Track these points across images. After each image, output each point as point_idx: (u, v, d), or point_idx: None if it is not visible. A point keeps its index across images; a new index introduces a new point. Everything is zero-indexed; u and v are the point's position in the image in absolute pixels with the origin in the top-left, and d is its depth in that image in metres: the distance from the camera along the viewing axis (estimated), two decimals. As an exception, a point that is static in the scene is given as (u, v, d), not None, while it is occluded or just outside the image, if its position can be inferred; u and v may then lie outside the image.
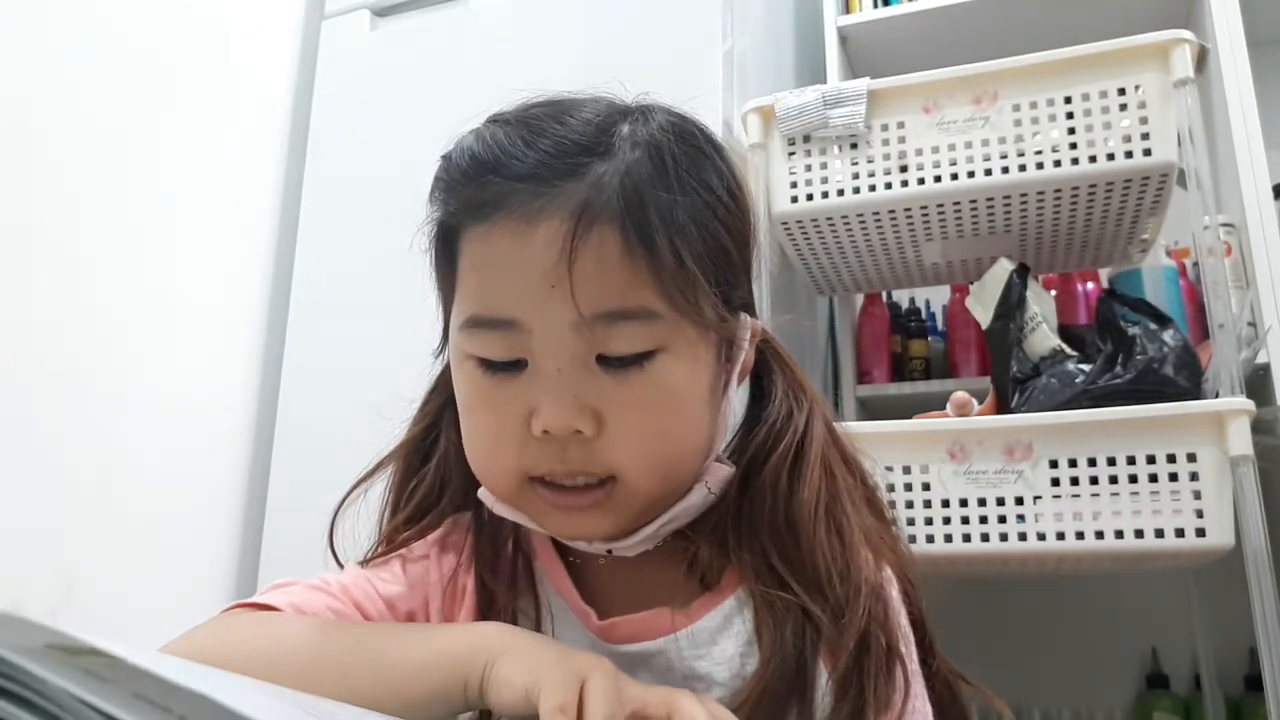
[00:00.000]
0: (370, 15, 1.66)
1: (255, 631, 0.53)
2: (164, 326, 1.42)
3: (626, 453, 0.53)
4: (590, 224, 0.51)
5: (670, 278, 0.52)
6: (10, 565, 1.17)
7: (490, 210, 0.53)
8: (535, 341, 0.52)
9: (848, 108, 1.23)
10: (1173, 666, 1.52)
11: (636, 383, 0.53)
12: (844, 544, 0.58)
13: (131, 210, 1.39)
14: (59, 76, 1.30)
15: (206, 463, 1.48)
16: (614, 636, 0.58)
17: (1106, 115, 1.15)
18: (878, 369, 1.65)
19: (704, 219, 0.55)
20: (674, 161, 0.54)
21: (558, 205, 0.51)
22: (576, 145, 0.53)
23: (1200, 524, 1.01)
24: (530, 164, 0.52)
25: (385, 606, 0.59)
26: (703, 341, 0.55)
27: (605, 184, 0.52)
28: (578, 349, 0.52)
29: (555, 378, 0.52)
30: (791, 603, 0.55)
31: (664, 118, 0.56)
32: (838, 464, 0.62)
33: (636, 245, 0.51)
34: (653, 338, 0.53)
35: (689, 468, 0.57)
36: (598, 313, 0.51)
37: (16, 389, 1.21)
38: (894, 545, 0.63)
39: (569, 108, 0.55)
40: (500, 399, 0.54)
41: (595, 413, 0.52)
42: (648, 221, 0.52)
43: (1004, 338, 1.20)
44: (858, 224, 1.30)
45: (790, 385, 0.63)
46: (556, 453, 0.53)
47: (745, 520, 0.59)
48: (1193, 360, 1.11)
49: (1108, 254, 1.37)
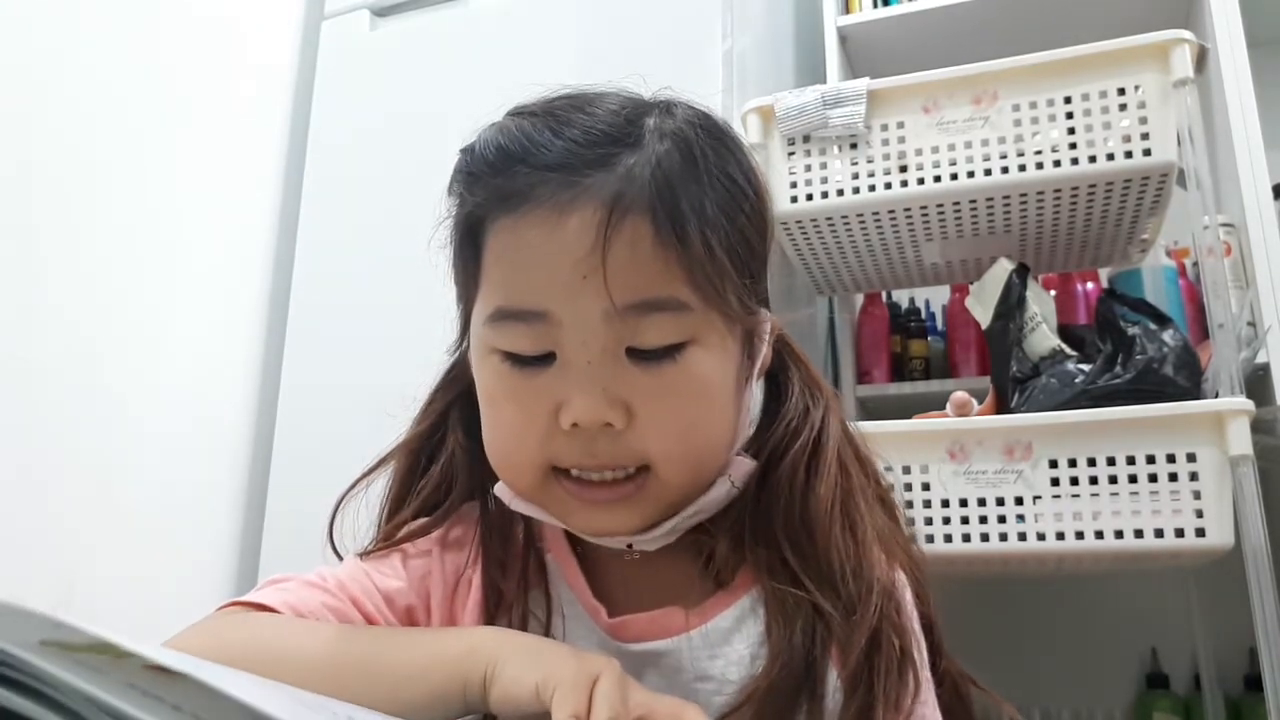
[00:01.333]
0: (370, 15, 1.66)
1: (248, 634, 0.53)
2: (164, 326, 1.42)
3: (657, 445, 0.53)
4: (624, 214, 0.51)
5: (701, 269, 0.52)
6: (10, 565, 1.17)
7: (519, 201, 0.52)
8: (565, 334, 0.52)
9: (847, 108, 1.23)
10: (1173, 666, 1.52)
11: (668, 375, 0.52)
12: (857, 541, 0.58)
13: (131, 210, 1.39)
14: (59, 77, 1.30)
15: (206, 463, 1.48)
16: (624, 635, 0.57)
17: (1106, 115, 1.15)
18: (877, 369, 1.65)
19: (731, 211, 0.55)
20: (702, 154, 0.54)
21: (590, 195, 0.51)
22: (606, 136, 0.53)
23: (1200, 524, 1.01)
24: (559, 153, 0.52)
25: (384, 601, 0.58)
26: (730, 334, 0.55)
27: (636, 175, 0.52)
28: (609, 341, 0.52)
29: (585, 370, 0.52)
30: (803, 599, 0.55)
31: (688, 111, 0.57)
32: (852, 462, 0.62)
33: (669, 235, 0.51)
34: (684, 329, 0.53)
35: (717, 461, 0.57)
36: (630, 303, 0.51)
37: (17, 389, 1.21)
38: (906, 547, 0.63)
39: (593, 99, 0.55)
40: (527, 392, 0.53)
41: (625, 405, 0.52)
42: (679, 212, 0.52)
43: (1004, 338, 1.20)
44: (858, 224, 1.30)
45: (806, 382, 0.63)
46: (585, 446, 0.53)
47: (761, 515, 0.59)
48: (1192, 360, 1.11)
49: (1107, 254, 1.37)
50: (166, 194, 1.44)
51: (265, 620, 0.54)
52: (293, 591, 0.57)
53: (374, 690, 0.48)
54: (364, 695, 0.46)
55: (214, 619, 0.55)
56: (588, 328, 0.51)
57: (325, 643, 0.51)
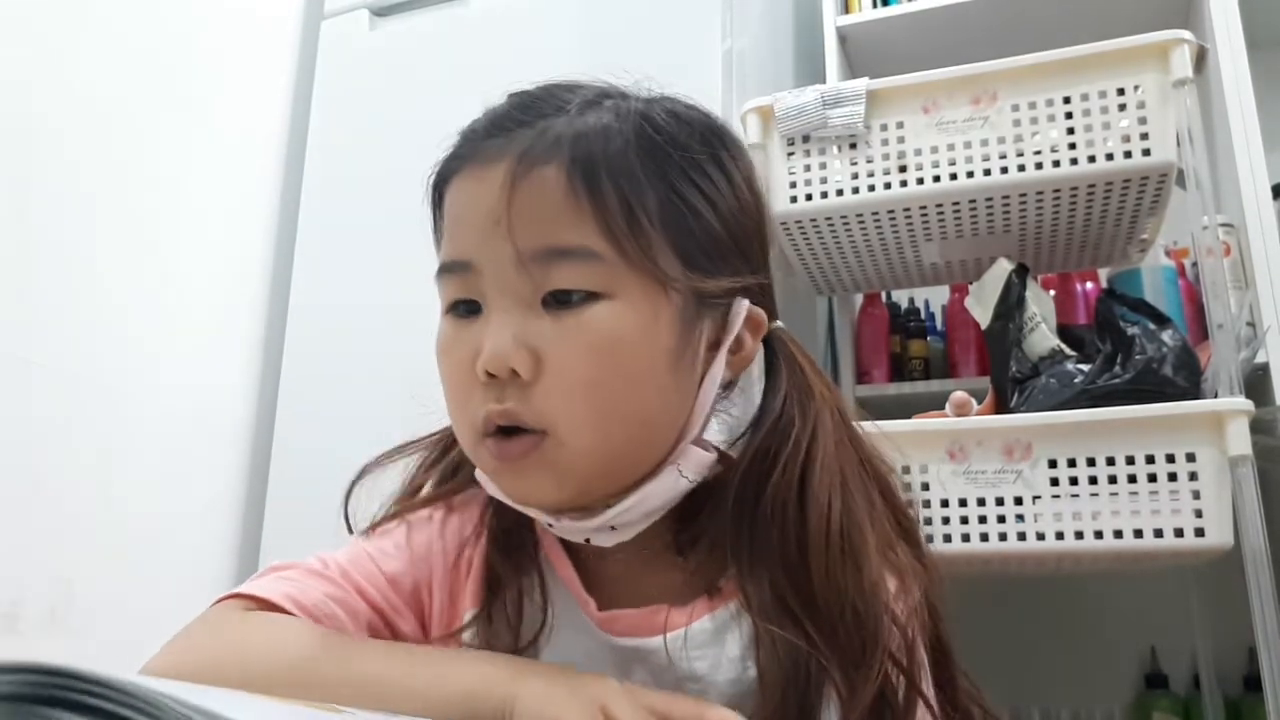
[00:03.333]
0: (370, 15, 1.66)
1: (254, 639, 0.52)
2: (164, 326, 1.42)
3: (560, 401, 0.52)
4: (533, 164, 0.53)
5: (615, 221, 0.52)
6: (10, 565, 1.17)
7: (461, 162, 0.56)
8: (485, 282, 0.54)
9: (847, 108, 1.23)
10: (1172, 666, 1.52)
11: (572, 323, 0.52)
12: (861, 573, 0.54)
13: (130, 210, 1.39)
14: (58, 76, 1.30)
15: (206, 463, 1.48)
16: (613, 629, 0.57)
17: (1106, 115, 1.15)
18: (877, 369, 1.65)
19: (683, 190, 0.55)
20: (659, 132, 0.55)
21: (510, 150, 0.54)
22: (541, 103, 0.56)
23: (1199, 524, 1.01)
24: (498, 119, 0.56)
25: (388, 584, 0.58)
26: (664, 301, 0.54)
27: (554, 130, 0.54)
28: (523, 289, 0.53)
29: (500, 318, 0.53)
30: (801, 649, 0.52)
31: (672, 103, 0.58)
32: (856, 477, 0.58)
33: (580, 185, 0.53)
34: (595, 279, 0.52)
35: (637, 436, 0.54)
36: (537, 249, 0.52)
37: (16, 389, 1.21)
38: (922, 564, 0.60)
39: (571, 85, 0.58)
40: (457, 345, 0.55)
41: (534, 353, 0.52)
42: (593, 165, 0.53)
43: (1003, 338, 1.20)
44: (857, 224, 1.30)
45: (795, 388, 0.59)
46: (496, 396, 0.53)
47: (752, 546, 0.55)
48: (1192, 360, 1.11)
49: (1107, 254, 1.37)
50: (166, 193, 1.44)
51: (273, 631, 0.53)
52: (295, 583, 0.56)
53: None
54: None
55: (216, 621, 0.54)
56: (502, 275, 0.53)
57: (334, 667, 0.50)
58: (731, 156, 0.59)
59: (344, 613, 0.56)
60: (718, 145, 0.58)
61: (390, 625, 0.58)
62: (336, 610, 0.56)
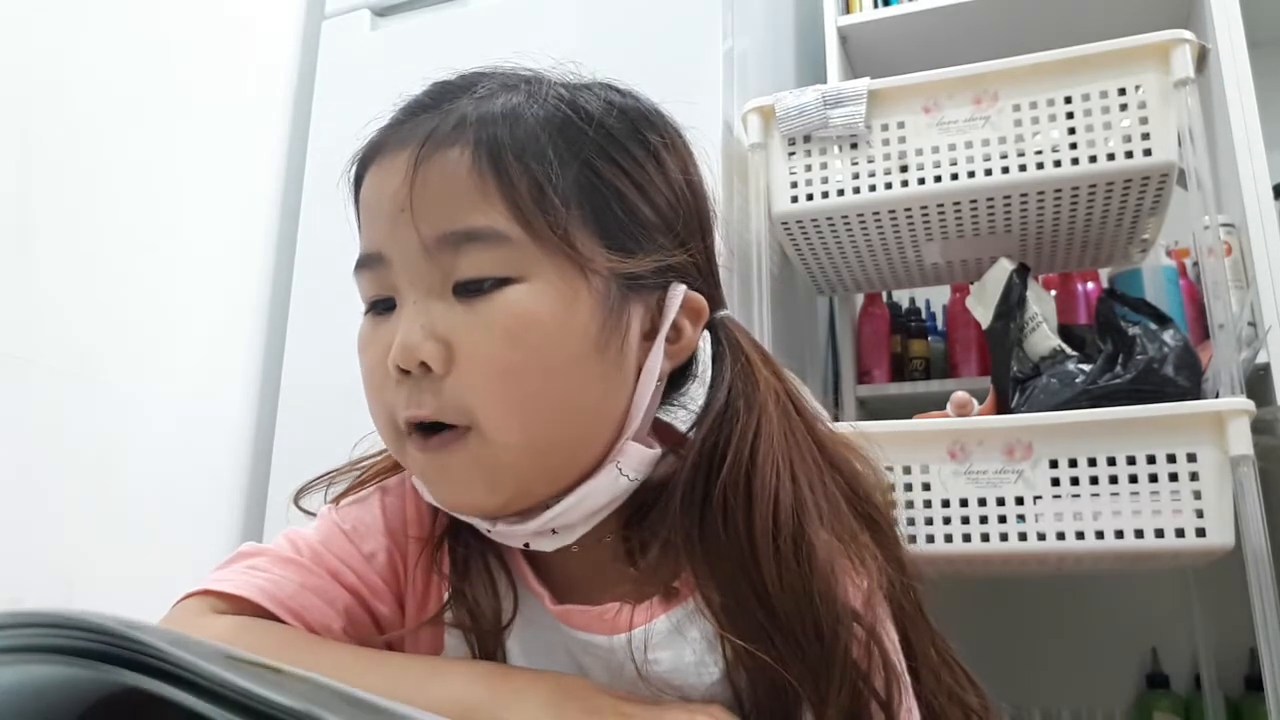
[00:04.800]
0: (370, 15, 1.66)
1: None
2: (164, 325, 1.42)
3: (479, 395, 0.49)
4: (436, 146, 0.51)
5: (524, 201, 0.50)
6: (10, 565, 1.17)
7: (374, 152, 0.55)
8: (396, 274, 0.52)
9: (848, 108, 1.23)
10: (1173, 666, 1.52)
11: (484, 309, 0.50)
12: (814, 571, 0.51)
13: (131, 209, 1.39)
14: (59, 76, 1.30)
15: (207, 462, 1.48)
16: (570, 622, 0.55)
17: (1106, 115, 1.15)
18: (878, 369, 1.65)
19: (603, 170, 0.53)
20: (572, 111, 0.53)
21: (414, 135, 0.52)
22: (451, 88, 0.54)
23: (1200, 524, 1.01)
24: (410, 105, 0.55)
25: (364, 562, 0.57)
26: (583, 284, 0.51)
27: (458, 112, 0.52)
28: (432, 279, 0.51)
29: (411, 310, 0.51)
30: (764, 663, 0.50)
31: (604, 90, 0.56)
32: (808, 468, 0.54)
33: (486, 165, 0.50)
34: (504, 263, 0.50)
35: (568, 429, 0.52)
36: (442, 233, 0.50)
37: (16, 387, 1.21)
38: (892, 552, 0.57)
39: (488, 71, 0.56)
40: (372, 342, 0.53)
41: (445, 343, 0.50)
42: (499, 144, 0.51)
43: (1004, 338, 1.20)
44: (858, 224, 1.30)
45: (740, 378, 0.56)
46: (412, 394, 0.51)
47: (704, 546, 0.52)
48: (1193, 360, 1.11)
49: (1108, 254, 1.37)
50: (167, 193, 1.44)
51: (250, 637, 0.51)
52: (266, 573, 0.54)
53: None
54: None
55: (179, 627, 0.51)
56: (410, 265, 0.51)
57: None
58: (665, 142, 0.56)
59: (321, 602, 0.54)
60: (646, 129, 0.56)
61: (368, 608, 0.56)
62: (314, 600, 0.54)
